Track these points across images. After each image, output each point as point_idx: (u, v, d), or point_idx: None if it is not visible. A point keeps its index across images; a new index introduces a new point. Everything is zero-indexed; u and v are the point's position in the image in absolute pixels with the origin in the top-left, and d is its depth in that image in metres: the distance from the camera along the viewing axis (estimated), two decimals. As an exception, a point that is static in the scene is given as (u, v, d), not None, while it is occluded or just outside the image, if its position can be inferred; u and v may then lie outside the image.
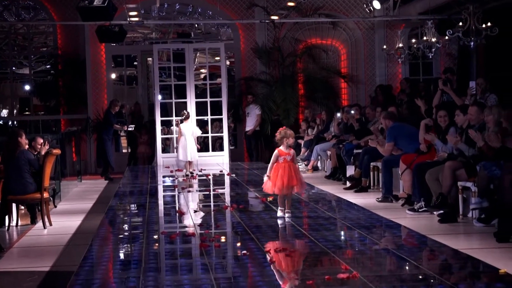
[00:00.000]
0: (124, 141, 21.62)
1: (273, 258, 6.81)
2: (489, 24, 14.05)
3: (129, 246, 8.03)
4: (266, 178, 9.20)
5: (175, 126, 18.47)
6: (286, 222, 8.91)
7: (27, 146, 11.05)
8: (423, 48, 15.82)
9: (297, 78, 20.35)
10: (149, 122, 20.45)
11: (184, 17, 21.43)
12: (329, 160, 16.08)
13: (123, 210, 10.84)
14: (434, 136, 10.82)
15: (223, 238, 8.34)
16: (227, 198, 12.03)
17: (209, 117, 19.48)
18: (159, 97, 19.34)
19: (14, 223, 10.88)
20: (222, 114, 19.22)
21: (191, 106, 18.88)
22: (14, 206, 11.01)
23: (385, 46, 18.73)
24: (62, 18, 20.41)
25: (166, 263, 7.03)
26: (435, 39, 15.53)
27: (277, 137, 9.27)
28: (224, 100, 19.16)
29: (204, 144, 20.37)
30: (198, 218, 9.57)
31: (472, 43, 14.15)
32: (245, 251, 7.16)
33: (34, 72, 21.94)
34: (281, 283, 5.98)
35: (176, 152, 16.18)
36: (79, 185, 16.82)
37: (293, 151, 9.28)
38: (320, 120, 18.23)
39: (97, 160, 18.88)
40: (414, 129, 11.94)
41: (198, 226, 8.90)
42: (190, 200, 11.70)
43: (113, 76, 21.46)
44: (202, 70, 23.97)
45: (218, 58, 20.52)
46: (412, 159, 11.15)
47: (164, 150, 19.19)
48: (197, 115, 19.12)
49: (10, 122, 22.83)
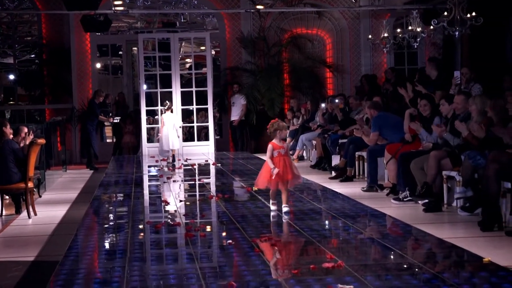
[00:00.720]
0: (109, 131, 21.56)
1: (258, 247, 6.82)
2: (473, 14, 14.07)
3: (114, 236, 8.02)
4: (276, 170, 8.57)
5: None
6: (283, 217, 8.53)
7: (12, 136, 11.01)
8: (408, 37, 15.85)
9: (282, 68, 20.34)
10: (134, 112, 20.39)
11: (169, 6, 21.35)
12: (314, 149, 16.10)
13: (108, 200, 10.82)
14: (419, 125, 10.85)
15: (209, 228, 8.35)
16: (213, 188, 12.03)
17: (194, 106, 19.45)
18: (144, 86, 19.28)
19: (-2, 213, 10.85)
20: (207, 104, 19.20)
21: (176, 96, 18.84)
22: (-2, 196, 10.97)
23: (370, 36, 18.76)
24: (47, 7, 20.28)
25: (151, 253, 7.02)
26: (420, 29, 15.56)
27: (269, 129, 8.83)
28: (209, 89, 19.13)
29: (189, 133, 20.36)
30: (184, 208, 9.56)
31: (457, 33, 14.17)
32: (230, 241, 7.16)
33: (19, 61, 21.82)
34: (266, 273, 5.99)
35: (158, 142, 16.18)
36: (64, 175, 16.78)
37: (286, 144, 8.98)
38: (305, 109, 18.25)
39: (81, 150, 18.79)
40: (399, 118, 11.97)
41: (183, 215, 8.90)
42: (176, 190, 11.69)
43: (98, 65, 21.36)
44: (188, 60, 23.93)
45: (203, 48, 20.49)
46: (397, 149, 11.18)
47: (149, 140, 19.15)
48: (182, 105, 19.08)
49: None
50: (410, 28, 15.73)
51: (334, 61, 20.65)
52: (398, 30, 17.16)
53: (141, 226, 8.36)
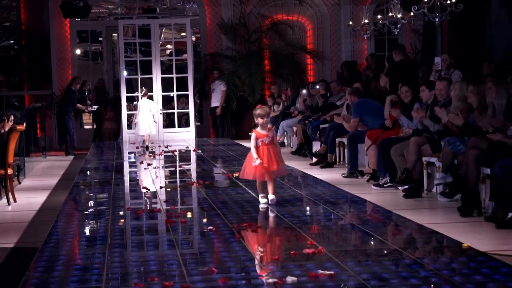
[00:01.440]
0: (88, 118, 21.46)
1: (239, 234, 6.82)
2: (453, 0, 14.10)
3: (94, 222, 8.00)
4: (258, 161, 8.16)
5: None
6: (270, 206, 8.28)
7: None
8: (389, 24, 15.84)
9: (263, 54, 20.32)
10: (114, 98, 20.31)
11: (149, -8, 21.28)
12: (295, 136, 16.11)
13: (88, 186, 10.79)
14: (399, 112, 10.88)
15: (189, 214, 8.35)
16: (193, 174, 12.02)
17: (175, 93, 19.41)
18: (125, 73, 19.21)
19: (-23, 200, 10.80)
20: (188, 90, 19.17)
21: (157, 82, 18.79)
22: (-23, 182, 10.91)
23: (351, 22, 18.73)
24: (26, -7, 20.16)
25: (132, 239, 7.01)
26: (400, 15, 15.54)
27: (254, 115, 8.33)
28: (190, 76, 19.09)
29: (170, 120, 20.32)
30: (164, 194, 9.55)
31: (437, 19, 14.17)
32: (211, 227, 7.16)
33: (-3, 47, 21.67)
34: (247, 259, 6.00)
35: (135, 127, 16.14)
36: (44, 161, 16.70)
37: (272, 132, 8.44)
38: (286, 96, 18.24)
39: (58, 137, 18.66)
40: (380, 105, 12.00)
41: (164, 202, 8.89)
42: (156, 176, 11.67)
43: (78, 51, 21.25)
44: (168, 46, 23.85)
45: (184, 34, 20.43)
46: (377, 135, 11.20)
47: (129, 127, 19.09)
48: (163, 91, 19.04)
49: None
50: (390, 14, 15.72)
51: (314, 47, 20.64)
52: (379, 16, 17.15)
53: (121, 213, 8.35)
